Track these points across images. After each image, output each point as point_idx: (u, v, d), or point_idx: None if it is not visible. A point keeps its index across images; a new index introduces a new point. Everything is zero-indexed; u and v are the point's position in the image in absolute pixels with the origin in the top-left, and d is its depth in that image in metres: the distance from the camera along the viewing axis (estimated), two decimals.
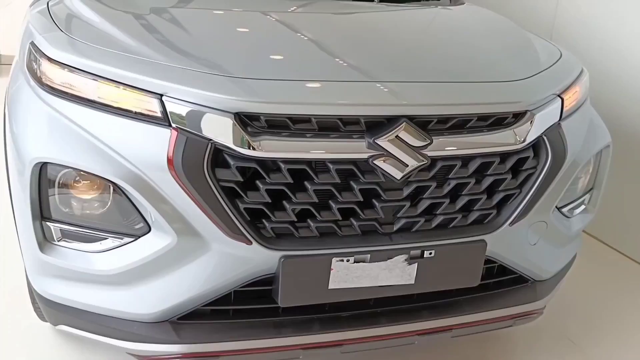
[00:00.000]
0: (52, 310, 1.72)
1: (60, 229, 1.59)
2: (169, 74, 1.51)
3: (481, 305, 1.85)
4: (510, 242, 1.81)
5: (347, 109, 1.55)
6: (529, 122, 1.71)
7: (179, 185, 1.47)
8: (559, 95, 1.83)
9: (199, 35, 1.87)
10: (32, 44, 1.70)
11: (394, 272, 1.66)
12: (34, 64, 1.66)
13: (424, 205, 1.65)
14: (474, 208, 1.71)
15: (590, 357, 2.34)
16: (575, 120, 1.88)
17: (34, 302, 2.09)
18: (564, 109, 1.83)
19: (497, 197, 1.73)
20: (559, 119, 1.80)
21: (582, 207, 2.10)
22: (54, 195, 1.56)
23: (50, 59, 1.60)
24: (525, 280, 1.94)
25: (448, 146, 1.61)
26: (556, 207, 1.93)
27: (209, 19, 2.07)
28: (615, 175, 2.95)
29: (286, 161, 1.50)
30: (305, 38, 1.94)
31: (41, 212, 1.58)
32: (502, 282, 1.92)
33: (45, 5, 1.98)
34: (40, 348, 2.14)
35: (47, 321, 2.14)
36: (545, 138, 1.75)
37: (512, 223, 1.76)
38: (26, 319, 2.22)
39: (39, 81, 1.62)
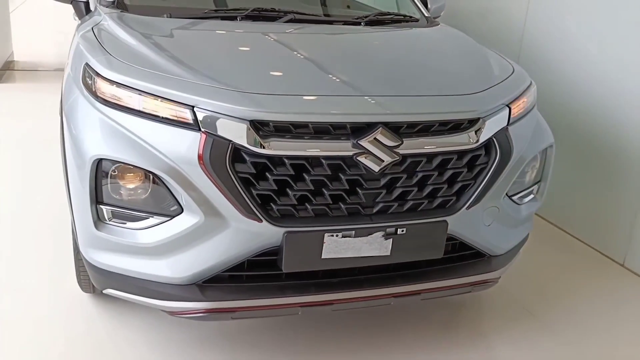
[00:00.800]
0: (100, 277, 2.14)
1: (111, 211, 2.02)
2: (199, 90, 1.94)
3: (444, 274, 2.28)
4: (467, 223, 2.24)
5: (336, 117, 1.98)
6: (481, 126, 2.15)
7: (207, 175, 1.90)
8: (507, 105, 2.26)
9: (218, 55, 2.31)
10: (87, 64, 2.12)
11: (374, 246, 2.09)
12: (89, 80, 2.09)
13: (397, 192, 2.08)
14: (437, 195, 2.14)
15: (543, 322, 2.77)
16: (521, 125, 2.32)
17: (78, 275, 2.53)
18: (512, 116, 2.26)
19: (456, 187, 2.16)
20: (507, 124, 2.24)
21: (531, 196, 2.53)
22: (107, 184, 1.99)
23: (103, 78, 2.03)
24: (482, 255, 2.37)
25: (416, 146, 2.04)
26: (507, 195, 2.37)
27: (225, 40, 2.51)
28: (564, 166, 3.45)
29: (289, 157, 1.93)
30: (305, 58, 2.38)
31: (96, 198, 2.01)
32: (463, 256, 2.35)
33: (90, 29, 2.41)
34: (81, 314, 2.56)
35: (88, 292, 2.59)
36: (494, 139, 2.18)
37: (468, 207, 2.19)
38: (68, 291, 2.65)
39: (94, 94, 2.04)
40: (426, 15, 3.24)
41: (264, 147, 1.90)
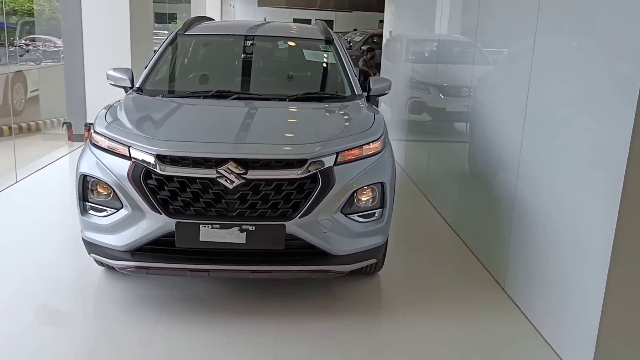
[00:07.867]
0: (88, 246, 3.65)
1: (89, 205, 3.55)
2: (133, 137, 3.43)
3: (290, 261, 3.44)
4: (304, 228, 3.37)
5: (206, 154, 3.32)
6: (307, 165, 3.34)
7: (132, 186, 3.34)
8: (336, 152, 3.43)
9: (157, 118, 3.83)
10: (92, 124, 3.75)
11: (233, 236, 3.33)
12: (92, 133, 3.71)
13: (247, 203, 3.33)
14: (278, 207, 3.35)
15: (402, 314, 3.71)
16: (348, 166, 3.44)
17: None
18: (338, 160, 3.41)
19: (291, 202, 3.35)
20: (333, 164, 3.40)
21: (374, 217, 3.59)
22: (88, 189, 3.53)
23: (94, 131, 3.63)
24: (325, 252, 3.48)
25: (258, 174, 3.30)
26: (342, 212, 3.47)
27: (172, 109, 4.04)
28: (474, 200, 4.33)
29: (177, 177, 3.31)
30: (209, 120, 3.83)
31: (83, 197, 3.56)
32: (312, 252, 3.47)
33: (107, 109, 4.05)
34: (92, 279, 4.10)
35: (100, 266, 4.12)
36: (319, 174, 3.35)
37: (300, 217, 3.34)
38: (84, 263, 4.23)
39: (90, 141, 3.65)
40: (357, 93, 4.46)
41: (162, 170, 3.31)
